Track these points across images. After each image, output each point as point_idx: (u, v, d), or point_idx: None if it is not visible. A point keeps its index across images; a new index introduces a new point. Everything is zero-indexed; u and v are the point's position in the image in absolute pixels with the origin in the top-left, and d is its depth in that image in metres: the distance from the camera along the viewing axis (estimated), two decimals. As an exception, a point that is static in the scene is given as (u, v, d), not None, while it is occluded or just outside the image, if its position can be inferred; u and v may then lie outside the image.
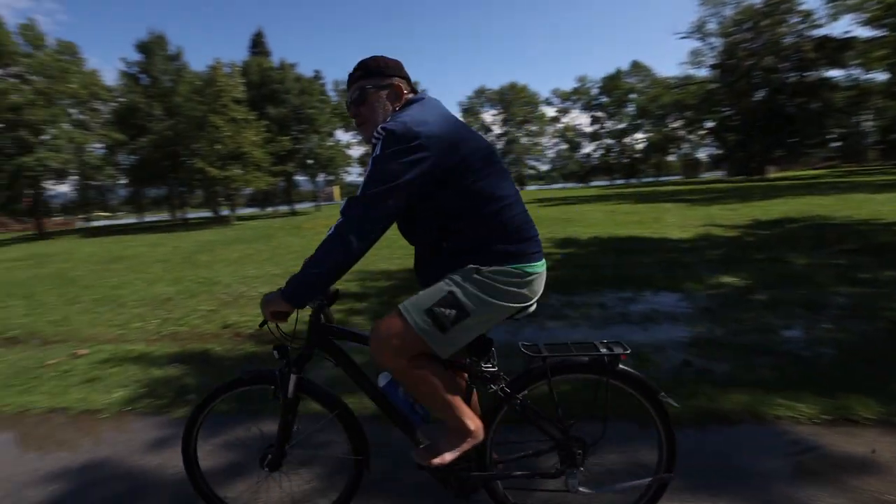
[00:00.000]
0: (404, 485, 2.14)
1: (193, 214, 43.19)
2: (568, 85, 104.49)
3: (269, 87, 31.96)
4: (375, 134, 1.41)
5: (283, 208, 41.72)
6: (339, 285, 1.77)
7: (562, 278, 6.11)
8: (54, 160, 25.69)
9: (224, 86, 26.03)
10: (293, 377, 1.72)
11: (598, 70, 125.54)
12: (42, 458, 2.71)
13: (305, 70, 44.26)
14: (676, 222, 11.00)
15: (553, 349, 1.65)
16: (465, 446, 1.56)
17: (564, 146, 73.02)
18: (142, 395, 3.44)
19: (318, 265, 1.45)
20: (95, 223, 51.36)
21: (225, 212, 31.86)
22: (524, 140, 72.27)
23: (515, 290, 1.48)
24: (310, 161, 33.87)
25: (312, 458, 2.32)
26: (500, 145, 73.17)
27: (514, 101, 69.64)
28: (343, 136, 50.06)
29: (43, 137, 26.60)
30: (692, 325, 4.13)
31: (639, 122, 64.49)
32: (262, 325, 1.65)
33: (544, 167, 77.63)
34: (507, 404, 1.64)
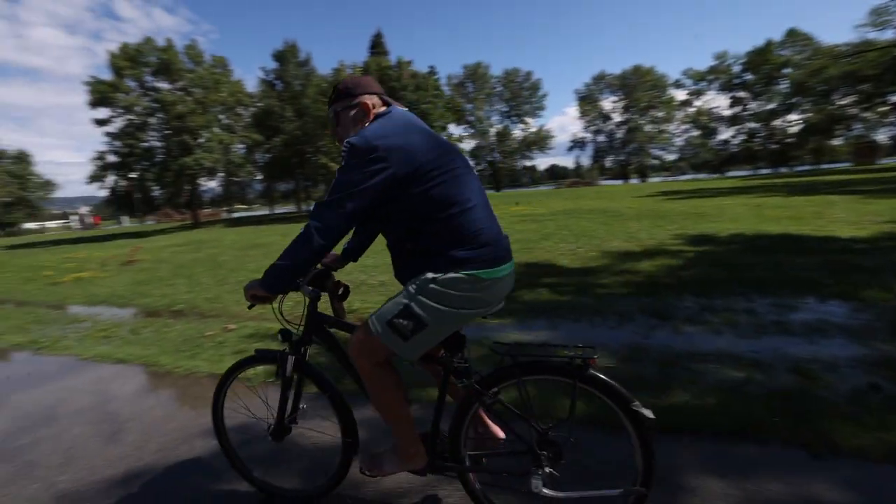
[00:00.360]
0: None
1: (316, 207, 46.92)
2: (703, 65, 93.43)
3: (386, 86, 33.62)
4: (342, 148, 1.52)
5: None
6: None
7: (696, 278, 5.52)
8: (208, 160, 29.61)
9: (346, 87, 27.89)
10: (291, 358, 1.93)
11: (740, 46, 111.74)
12: (206, 415, 3.05)
13: (420, 66, 45.71)
14: (847, 218, 9.35)
15: (525, 349, 1.69)
16: (403, 468, 1.76)
17: (696, 133, 64.62)
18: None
19: (287, 259, 1.61)
20: (235, 214, 58.48)
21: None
22: (648, 128, 66.64)
23: (471, 295, 1.53)
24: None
25: (316, 436, 2.48)
26: (619, 134, 68.75)
27: (638, 86, 64.63)
28: (455, 129, 51.04)
29: (199, 140, 30.73)
30: (878, 341, 3.43)
31: (794, 100, 53.77)
32: (249, 307, 1.82)
33: (671, 156, 70.39)
34: (477, 400, 1.70)
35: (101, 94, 28.38)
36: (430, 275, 1.51)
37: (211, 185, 39.93)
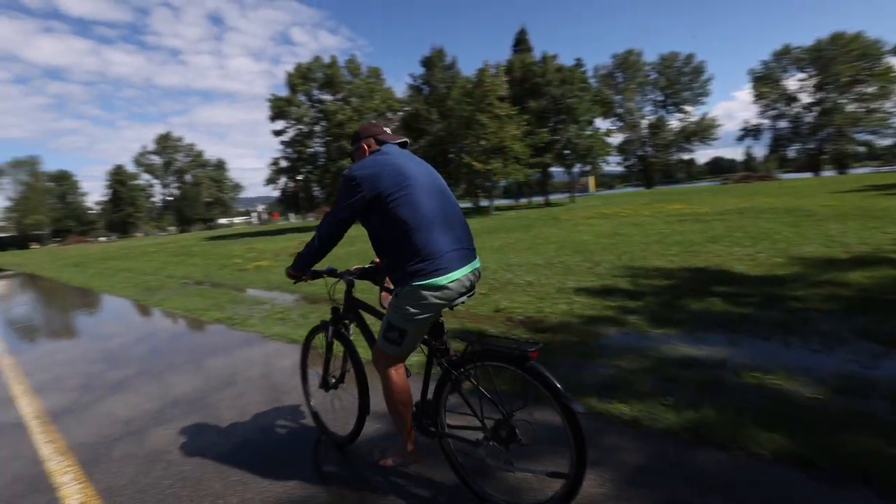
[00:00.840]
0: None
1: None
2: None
3: (530, 82, 33.22)
4: None
5: (537, 199, 43.14)
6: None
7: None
8: (361, 162, 32.57)
9: (490, 86, 28.19)
10: (331, 328, 2.62)
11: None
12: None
13: (566, 59, 44.35)
14: None
15: (483, 340, 1.95)
16: (402, 462, 2.30)
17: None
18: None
19: (304, 251, 2.22)
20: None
21: (484, 202, 34.72)
22: (851, 108, 53.68)
23: (426, 302, 1.91)
24: (566, 151, 33.86)
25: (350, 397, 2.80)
26: (808, 119, 57.07)
27: (838, 58, 52.37)
28: (602, 123, 48.36)
29: (354, 144, 33.95)
30: None
31: None
32: (294, 282, 2.39)
33: (886, 141, 55.10)
34: (448, 377, 2.01)
35: (279, 109, 33.07)
36: (397, 289, 1.99)
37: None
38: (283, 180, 37.13)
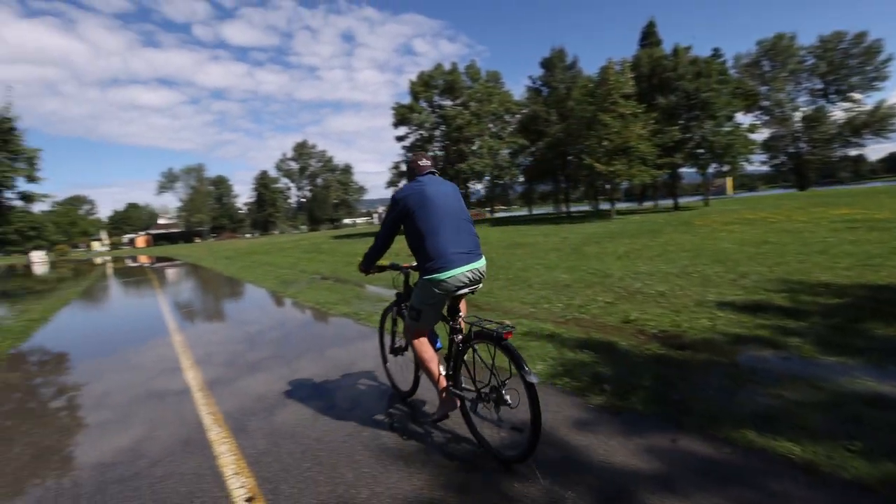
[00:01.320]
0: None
1: (575, 208, 46.97)
2: None
3: (659, 77, 30.85)
4: None
5: (664, 202, 39.97)
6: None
7: None
8: (479, 164, 32.88)
9: (614, 83, 26.73)
10: (394, 308, 3.48)
11: None
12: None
13: (701, 51, 40.48)
14: None
15: (479, 323, 2.58)
16: (447, 411, 2.78)
17: None
18: (560, 373, 3.62)
19: (369, 251, 3.02)
20: (497, 214, 63.33)
21: (604, 206, 33.02)
22: None
23: (431, 291, 2.63)
24: (700, 150, 30.81)
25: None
26: None
27: None
28: (744, 118, 43.18)
29: (472, 148, 34.39)
30: None
31: None
32: (366, 275, 3.14)
33: None
34: (458, 351, 2.71)
35: (401, 116, 34.88)
36: (417, 281, 2.75)
37: (477, 187, 44.40)
38: (402, 183, 39.22)
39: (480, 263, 2.70)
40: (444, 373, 2.79)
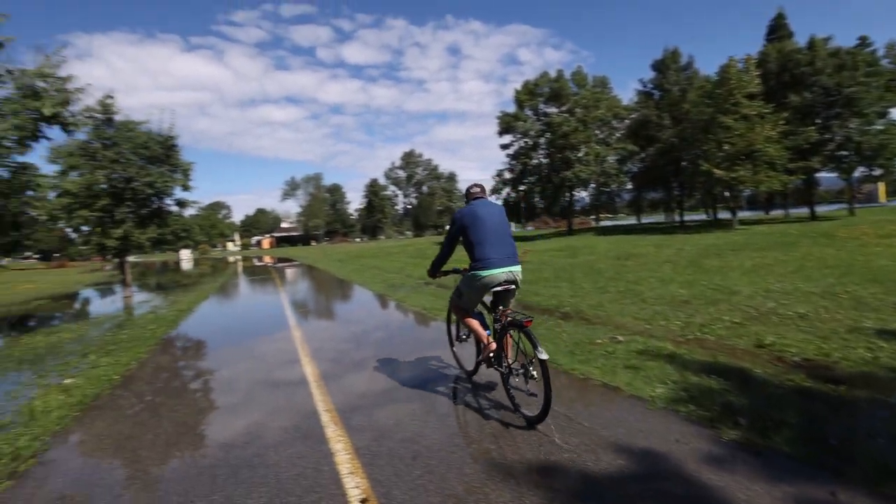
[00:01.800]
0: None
1: (689, 217, 43.44)
2: None
3: (790, 73, 27.43)
4: None
5: (795, 211, 35.34)
6: None
7: None
8: (584, 172, 31.76)
9: (736, 83, 24.31)
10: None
11: None
12: (606, 429, 2.96)
13: (844, 41, 35.31)
14: None
15: (512, 314, 3.49)
16: (488, 352, 3.59)
17: None
18: (683, 399, 3.31)
19: (435, 259, 4.10)
20: (603, 223, 60.56)
21: (723, 215, 30.05)
22: None
23: (473, 283, 3.53)
24: (843, 153, 26.80)
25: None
26: None
27: None
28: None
29: (578, 155, 33.31)
30: None
31: None
32: (433, 278, 4.22)
33: None
34: (500, 336, 3.52)
35: (506, 124, 34.87)
36: (464, 273, 3.76)
37: (582, 195, 42.81)
38: (506, 191, 39.08)
39: (515, 268, 3.56)
40: (489, 340, 3.65)
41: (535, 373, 3.08)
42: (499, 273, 3.44)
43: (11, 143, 7.31)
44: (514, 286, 3.57)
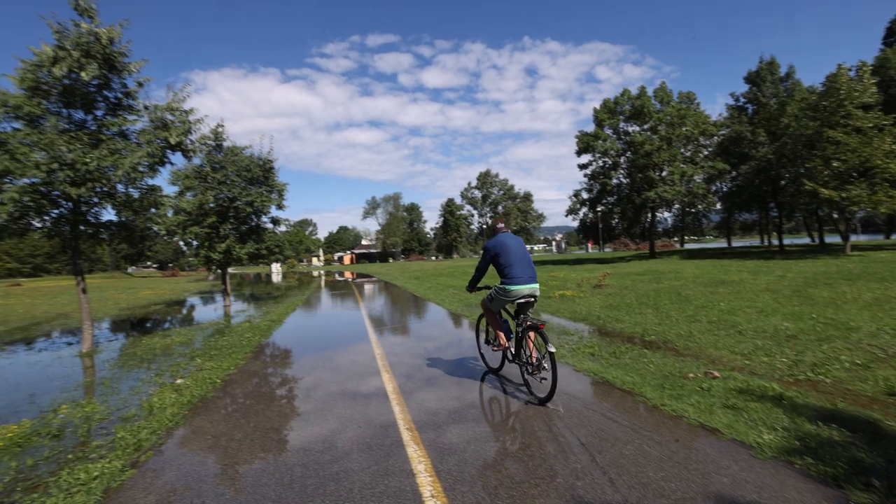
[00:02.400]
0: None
1: (788, 240, 39.58)
2: None
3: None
4: None
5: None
6: None
7: None
8: (669, 192, 30.12)
9: (847, 93, 22.01)
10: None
11: None
12: (705, 477, 2.75)
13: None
14: None
15: (529, 319, 4.57)
16: (500, 348, 4.95)
17: None
18: (798, 449, 2.98)
19: (472, 278, 5.23)
20: (688, 245, 56.83)
21: (832, 238, 27.03)
22: None
23: (501, 293, 4.64)
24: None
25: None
26: None
27: None
28: None
29: (662, 174, 31.72)
30: None
31: None
32: (470, 293, 5.47)
33: None
34: (521, 336, 4.55)
35: (585, 144, 34.04)
36: (496, 286, 4.82)
37: (665, 215, 40.51)
38: (582, 211, 38.02)
39: (535, 286, 4.66)
40: (508, 343, 4.95)
41: (546, 366, 4.16)
42: (523, 288, 4.56)
43: (144, 168, 8.37)
44: (533, 299, 4.66)
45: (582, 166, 35.88)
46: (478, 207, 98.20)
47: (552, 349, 3.97)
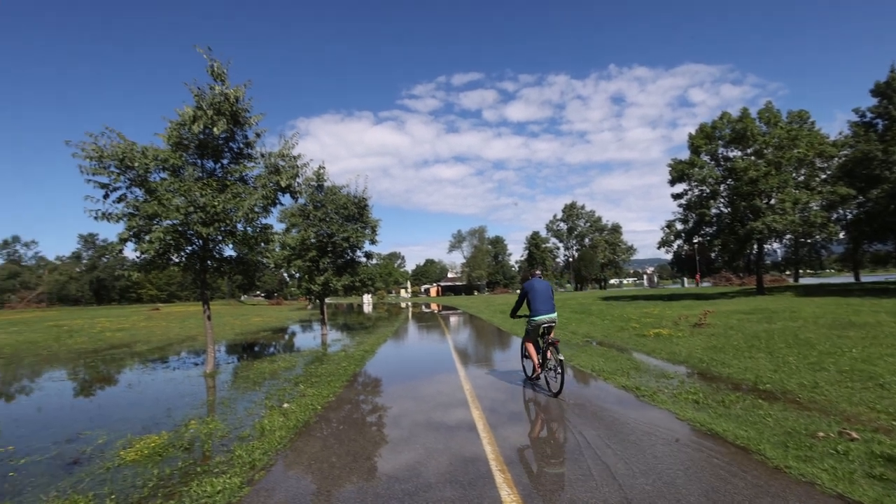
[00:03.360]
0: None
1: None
2: None
3: None
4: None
5: None
6: None
7: None
8: (779, 222, 27.37)
9: None
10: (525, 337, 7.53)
11: None
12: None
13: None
14: None
15: (550, 339, 6.60)
16: (535, 367, 6.91)
17: None
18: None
19: (513, 307, 7.52)
20: (803, 280, 50.66)
21: None
22: None
23: (529, 324, 6.84)
24: None
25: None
26: None
27: None
28: None
29: (770, 202, 28.99)
30: None
31: None
32: (512, 318, 7.63)
33: None
34: (545, 349, 6.66)
35: (679, 172, 32.17)
36: (527, 317, 7.02)
37: (774, 247, 36.72)
38: (677, 243, 35.68)
39: (552, 315, 6.69)
40: (538, 360, 6.81)
41: (560, 370, 6.20)
42: (543, 318, 6.65)
43: (259, 209, 9.40)
44: (552, 325, 6.72)
45: (676, 196, 33.84)
46: (563, 240, 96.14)
47: (561, 357, 6.23)
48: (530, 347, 6.96)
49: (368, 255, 16.68)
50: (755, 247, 31.52)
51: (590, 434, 4.59)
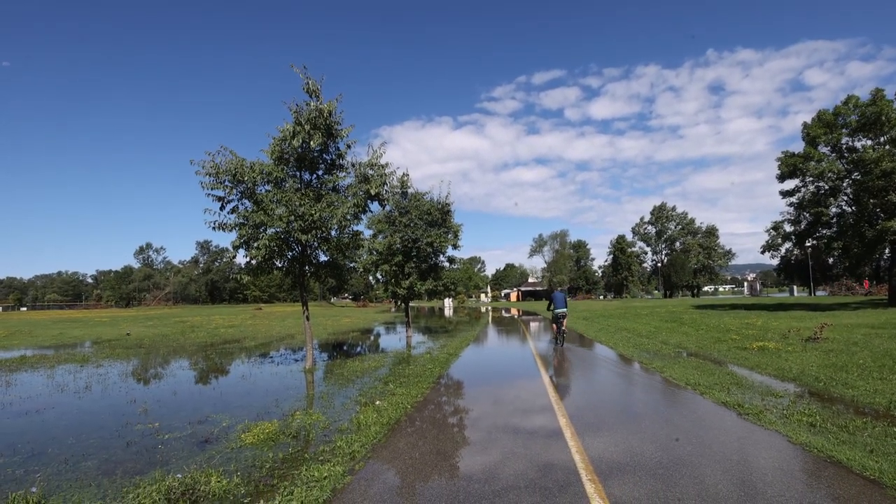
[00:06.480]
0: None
1: None
2: None
3: None
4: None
5: None
6: None
7: None
8: (922, 222, 23.70)
9: None
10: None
11: None
12: None
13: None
14: None
15: (560, 322, 13.62)
16: (556, 335, 13.90)
17: None
18: None
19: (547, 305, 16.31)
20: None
21: None
22: None
23: (552, 315, 13.82)
24: None
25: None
26: None
27: None
28: None
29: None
30: None
31: None
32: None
33: None
34: (559, 329, 13.78)
35: (791, 167, 28.88)
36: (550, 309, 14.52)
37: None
38: (785, 247, 32.19)
39: (563, 309, 13.37)
40: (555, 332, 13.78)
41: (563, 335, 13.51)
42: (557, 311, 13.30)
43: (350, 217, 10.06)
44: (564, 317, 13.35)
45: (786, 193, 30.47)
46: (651, 244, 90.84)
47: (565, 329, 13.46)
48: (554, 326, 13.79)
49: (451, 260, 17.06)
50: (887, 251, 27.59)
51: (683, 451, 4.38)
